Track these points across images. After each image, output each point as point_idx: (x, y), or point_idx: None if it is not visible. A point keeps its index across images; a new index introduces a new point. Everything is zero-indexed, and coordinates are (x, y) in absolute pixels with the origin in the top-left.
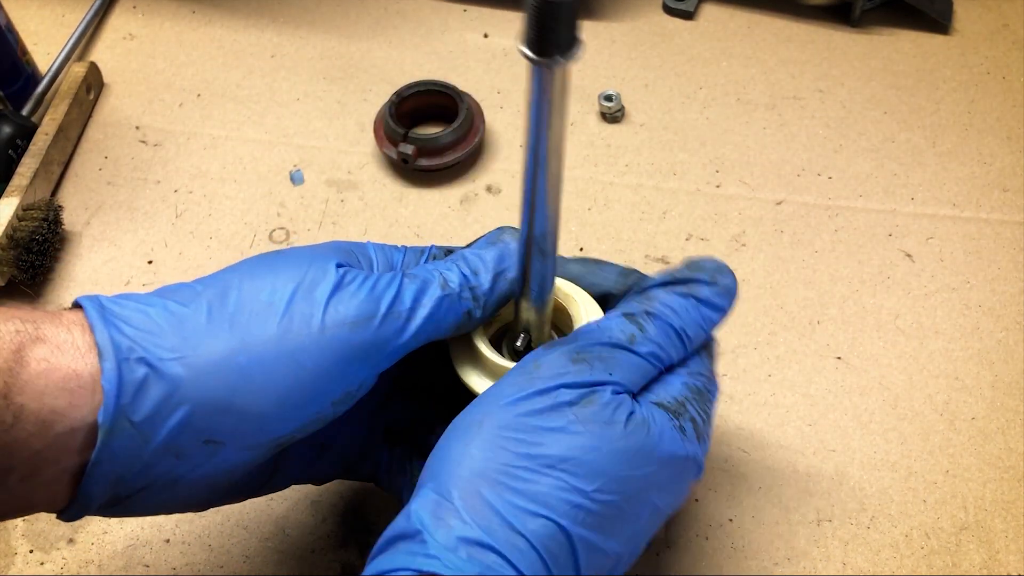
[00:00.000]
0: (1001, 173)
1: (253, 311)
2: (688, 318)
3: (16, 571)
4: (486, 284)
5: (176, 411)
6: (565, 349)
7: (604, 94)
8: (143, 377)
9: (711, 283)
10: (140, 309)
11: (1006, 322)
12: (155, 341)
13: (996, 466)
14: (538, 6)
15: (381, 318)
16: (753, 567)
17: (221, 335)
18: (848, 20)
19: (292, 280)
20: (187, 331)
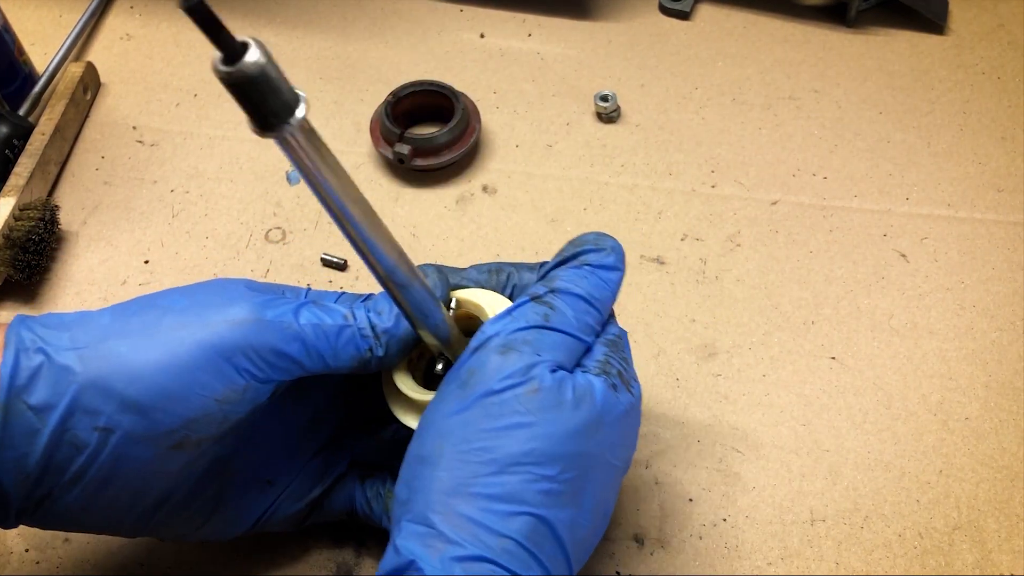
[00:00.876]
0: (996, 173)
1: (150, 312)
2: (588, 284)
3: (12, 570)
4: (388, 323)
5: (65, 394)
6: (489, 349)
7: (600, 94)
8: (38, 364)
9: (597, 248)
10: (58, 315)
11: (1000, 322)
12: (56, 336)
13: (989, 466)
14: (236, 88)
15: (264, 322)
16: (747, 567)
17: (115, 330)
18: (844, 20)
19: (198, 293)
20: (87, 328)
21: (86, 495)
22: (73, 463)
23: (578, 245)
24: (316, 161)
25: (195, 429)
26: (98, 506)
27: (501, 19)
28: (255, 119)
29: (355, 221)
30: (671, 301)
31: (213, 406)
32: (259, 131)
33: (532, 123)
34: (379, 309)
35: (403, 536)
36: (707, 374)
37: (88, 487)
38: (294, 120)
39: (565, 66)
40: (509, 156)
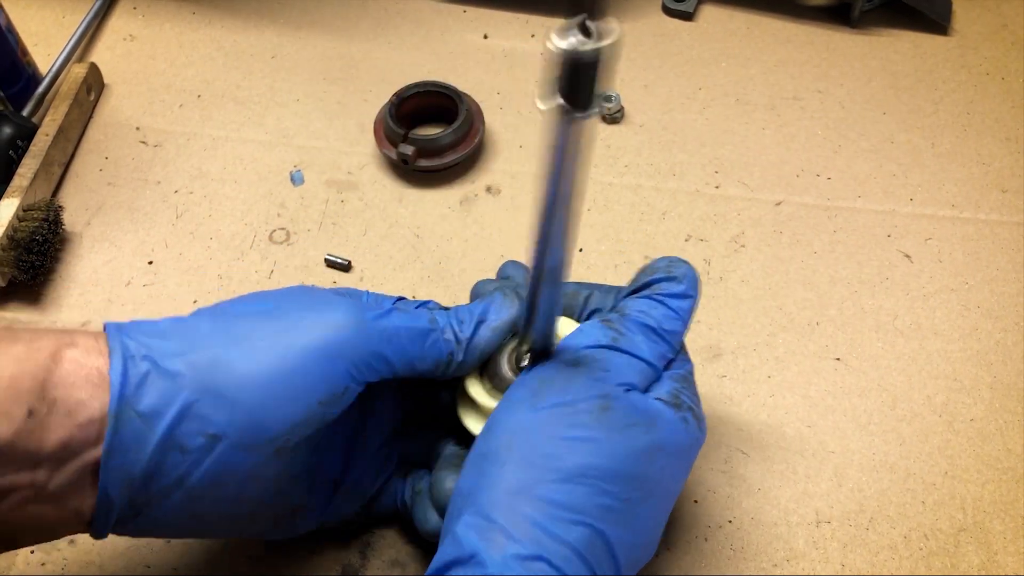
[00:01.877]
0: (1000, 174)
1: (250, 318)
2: (659, 314)
3: (17, 571)
4: (468, 331)
5: (175, 401)
6: (559, 362)
7: (603, 95)
8: (145, 372)
9: (668, 277)
10: (152, 323)
11: (1005, 323)
12: (159, 344)
13: (995, 467)
14: (572, 63)
15: (365, 324)
16: (752, 568)
17: (218, 337)
18: (847, 21)
19: (291, 298)
20: (189, 335)
21: (185, 502)
22: (177, 469)
23: (650, 273)
24: (582, 150)
25: (296, 433)
26: (194, 512)
27: (505, 20)
28: (578, 97)
29: (571, 212)
30: None
31: (316, 409)
32: (573, 108)
33: (536, 124)
34: (461, 318)
35: (464, 527)
36: (712, 375)
37: (189, 494)
38: (600, 107)
39: None
40: (513, 157)
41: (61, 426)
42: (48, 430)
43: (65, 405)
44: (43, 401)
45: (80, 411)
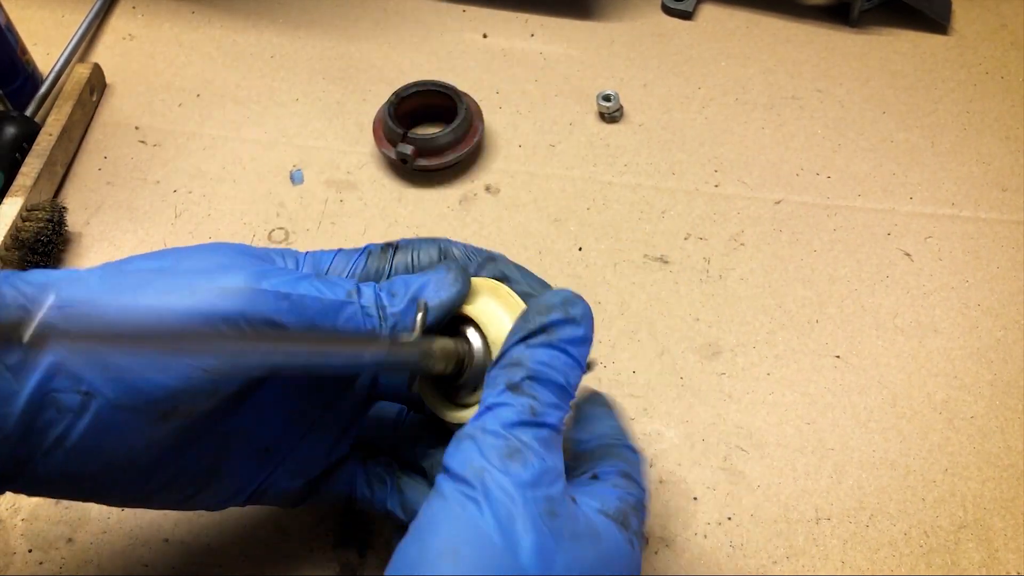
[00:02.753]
0: (999, 173)
1: (143, 275)
2: (563, 367)
3: (15, 571)
4: (399, 306)
5: (46, 355)
6: (494, 445)
7: (603, 94)
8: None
9: (567, 319)
10: (45, 272)
11: (1005, 321)
12: (41, 294)
13: (995, 464)
14: None
15: (258, 292)
16: (752, 566)
17: (103, 292)
18: (847, 20)
19: (193, 257)
20: (76, 288)
21: (70, 461)
22: (55, 427)
23: (545, 313)
24: None
25: (183, 400)
26: (84, 473)
27: (504, 19)
28: None
29: None
30: (675, 300)
31: (201, 376)
32: None
33: (535, 123)
34: (393, 291)
35: None
36: (711, 373)
37: (72, 453)
38: None
39: (568, 66)
40: (512, 156)
41: None
42: None
43: None
44: None
45: None
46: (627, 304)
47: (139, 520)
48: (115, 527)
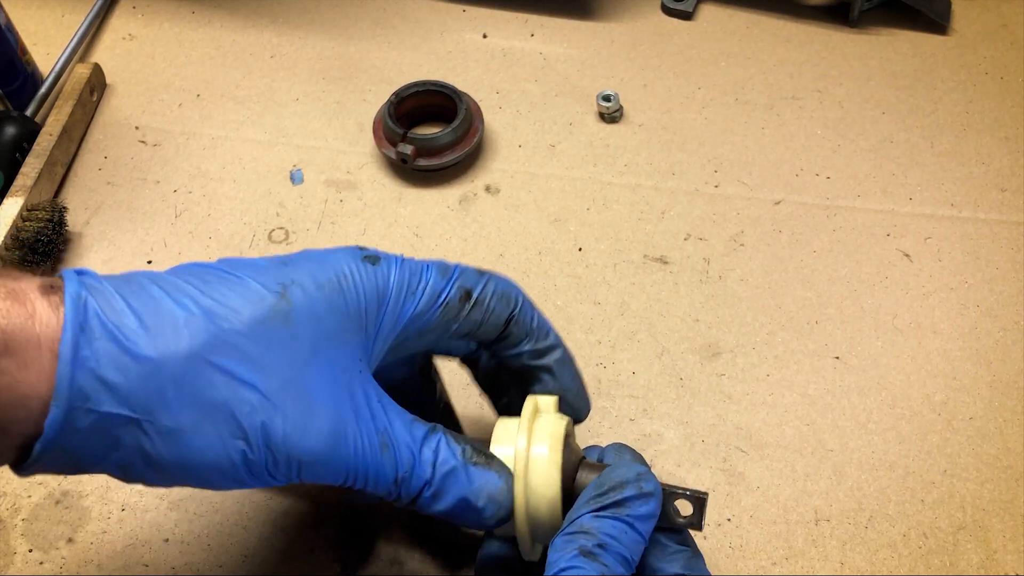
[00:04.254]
0: (999, 173)
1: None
2: (631, 542)
3: (15, 570)
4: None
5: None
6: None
7: (603, 94)
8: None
9: (639, 495)
10: (121, 310)
11: (1004, 322)
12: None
13: (994, 466)
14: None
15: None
16: (751, 567)
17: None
18: (846, 20)
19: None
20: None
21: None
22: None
23: (620, 489)
24: None
25: None
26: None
27: (504, 19)
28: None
29: None
30: (675, 301)
31: None
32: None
33: (535, 123)
34: (422, 474)
35: None
36: (711, 374)
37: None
38: None
39: (568, 66)
40: (512, 156)
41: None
42: None
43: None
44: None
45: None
46: (627, 304)
47: (139, 520)
48: (115, 527)
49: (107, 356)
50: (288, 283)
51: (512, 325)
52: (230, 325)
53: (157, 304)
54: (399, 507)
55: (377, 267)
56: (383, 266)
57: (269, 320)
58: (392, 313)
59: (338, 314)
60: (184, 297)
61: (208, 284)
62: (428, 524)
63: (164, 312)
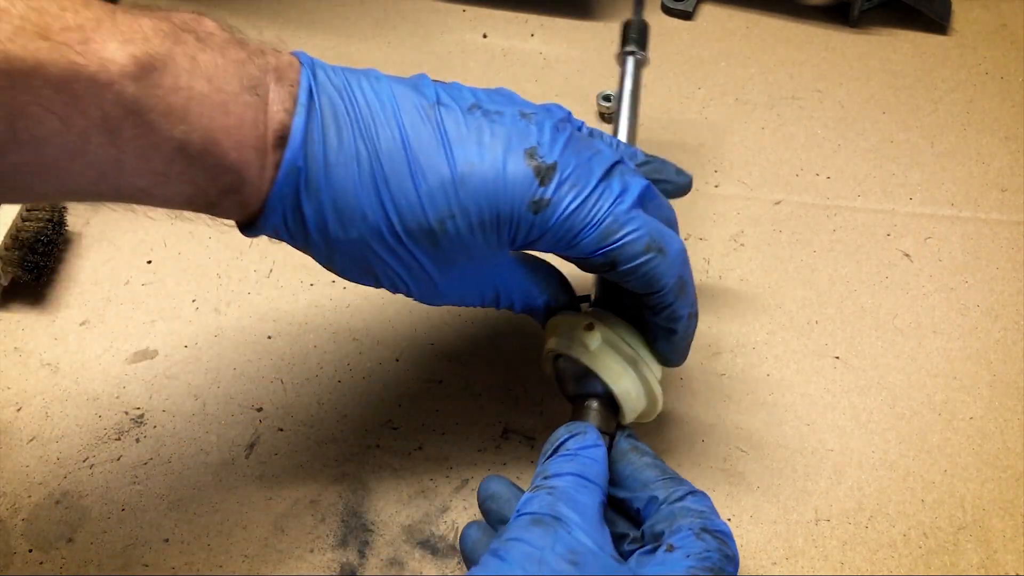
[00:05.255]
0: (999, 173)
1: None
2: (576, 465)
3: (15, 571)
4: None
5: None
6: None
7: (603, 94)
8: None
9: (573, 435)
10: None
11: (1004, 322)
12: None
13: (994, 466)
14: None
15: None
16: (751, 566)
17: None
18: (847, 20)
19: None
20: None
21: None
22: None
23: (555, 441)
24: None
25: None
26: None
27: (504, 19)
28: (638, 43)
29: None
30: None
31: None
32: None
33: None
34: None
35: None
36: (711, 373)
37: None
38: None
39: (568, 66)
40: None
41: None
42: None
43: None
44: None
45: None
46: None
47: (139, 520)
48: (115, 527)
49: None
50: (445, 217)
51: (658, 296)
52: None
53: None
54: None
55: (541, 215)
56: (550, 215)
57: (420, 242)
58: (547, 246)
59: (491, 244)
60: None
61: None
62: None
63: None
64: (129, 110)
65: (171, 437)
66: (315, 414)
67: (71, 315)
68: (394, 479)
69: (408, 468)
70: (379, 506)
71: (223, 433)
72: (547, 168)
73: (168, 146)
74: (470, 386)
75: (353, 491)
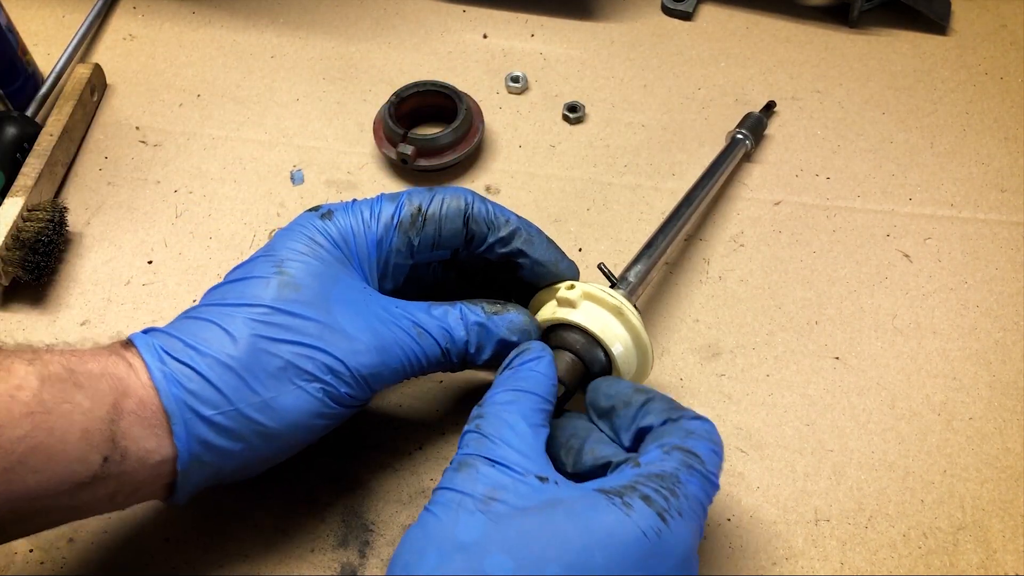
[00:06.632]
0: (999, 174)
1: None
2: (517, 381)
3: (16, 571)
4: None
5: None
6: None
7: (511, 75)
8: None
9: (519, 352)
10: (193, 362)
11: (1004, 322)
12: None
13: (993, 466)
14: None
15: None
16: (751, 567)
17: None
18: (846, 21)
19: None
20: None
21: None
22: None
23: (504, 362)
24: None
25: None
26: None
27: (504, 20)
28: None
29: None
30: (674, 301)
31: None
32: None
33: (535, 123)
34: (480, 344)
35: None
36: (711, 374)
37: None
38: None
39: (568, 66)
40: (512, 156)
41: (136, 471)
42: (124, 475)
43: (135, 455)
44: (115, 451)
45: (149, 458)
46: None
47: (139, 520)
48: (116, 527)
49: (188, 378)
50: (279, 263)
51: (470, 223)
52: (260, 311)
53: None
54: (462, 370)
55: (332, 220)
56: (337, 216)
57: (283, 291)
58: (361, 246)
59: (326, 263)
60: (212, 314)
61: (224, 295)
62: None
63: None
64: None
65: None
66: None
67: (72, 315)
68: (394, 479)
69: (408, 468)
70: (379, 506)
71: None
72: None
73: None
74: (470, 386)
75: (353, 491)
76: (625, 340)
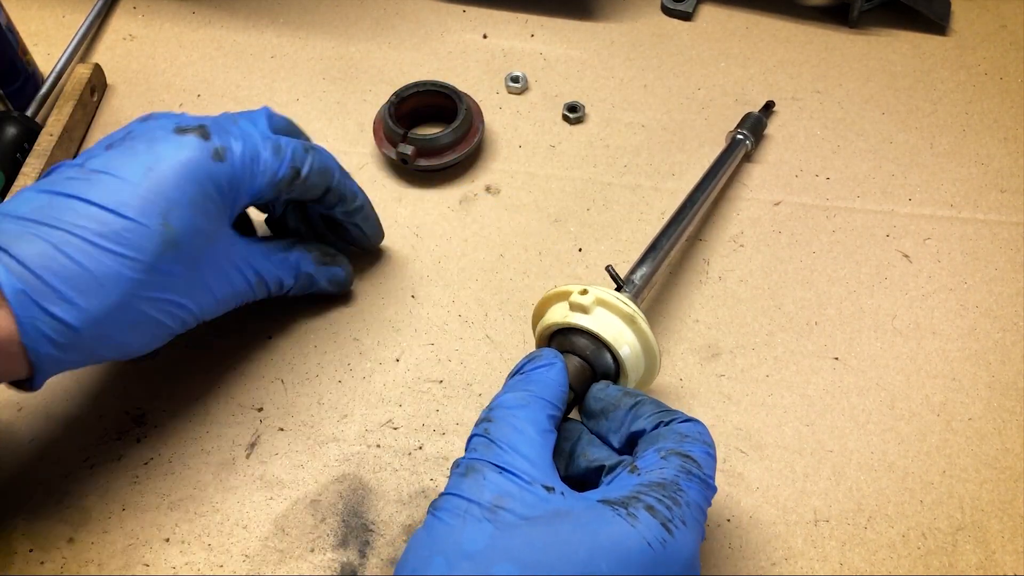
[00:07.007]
0: (999, 174)
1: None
2: (525, 383)
3: (16, 571)
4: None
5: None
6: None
7: (511, 75)
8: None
9: (529, 359)
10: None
11: (1003, 323)
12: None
13: (993, 466)
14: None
15: None
16: (750, 567)
17: None
18: (846, 21)
19: None
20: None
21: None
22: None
23: (515, 368)
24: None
25: None
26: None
27: (504, 20)
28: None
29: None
30: (674, 301)
31: None
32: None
33: (535, 123)
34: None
35: None
36: (710, 374)
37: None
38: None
39: (568, 66)
40: (512, 156)
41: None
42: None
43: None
44: None
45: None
46: None
47: (139, 520)
48: (115, 527)
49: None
50: (165, 212)
51: (329, 194)
52: (139, 266)
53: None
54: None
55: (224, 163)
56: (228, 159)
57: (165, 251)
58: (242, 193)
59: (209, 217)
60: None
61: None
62: None
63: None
64: None
65: (172, 437)
66: (315, 414)
67: None
68: (394, 479)
69: (408, 468)
70: (379, 506)
71: (223, 433)
72: (198, 127)
73: None
74: (470, 386)
75: (353, 491)
76: (635, 347)
